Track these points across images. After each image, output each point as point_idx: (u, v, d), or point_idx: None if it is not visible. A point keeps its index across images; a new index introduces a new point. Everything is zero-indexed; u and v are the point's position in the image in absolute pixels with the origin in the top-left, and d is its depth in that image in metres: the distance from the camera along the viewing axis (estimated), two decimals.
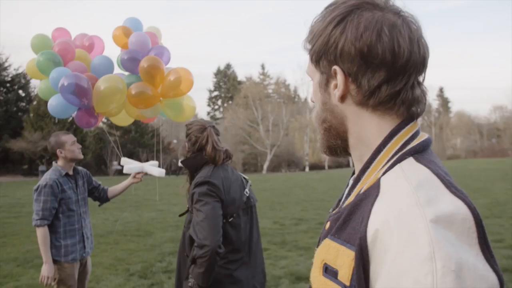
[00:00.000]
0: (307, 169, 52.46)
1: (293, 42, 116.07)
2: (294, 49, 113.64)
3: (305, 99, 60.58)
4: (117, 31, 4.06)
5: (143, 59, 3.70)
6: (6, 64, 40.56)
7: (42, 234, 3.71)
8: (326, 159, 55.78)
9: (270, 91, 63.78)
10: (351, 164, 54.38)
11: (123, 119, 4.30)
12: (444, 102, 75.19)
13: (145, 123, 5.05)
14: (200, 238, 2.51)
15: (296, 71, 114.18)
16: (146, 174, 4.17)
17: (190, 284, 2.60)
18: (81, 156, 3.97)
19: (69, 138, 3.91)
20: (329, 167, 54.26)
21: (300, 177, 32.18)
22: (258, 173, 47.85)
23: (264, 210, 12.93)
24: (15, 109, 40.51)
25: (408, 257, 0.72)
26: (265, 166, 51.83)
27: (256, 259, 2.91)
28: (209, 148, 2.84)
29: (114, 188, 4.35)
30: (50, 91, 3.79)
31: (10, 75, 40.65)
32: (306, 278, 6.08)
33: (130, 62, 3.78)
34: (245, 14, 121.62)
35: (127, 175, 4.24)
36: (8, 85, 40.52)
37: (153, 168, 4.12)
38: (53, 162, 3.98)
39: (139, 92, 3.71)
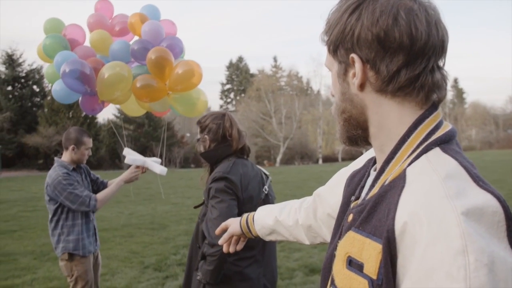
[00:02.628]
0: (320, 161, 52.31)
1: (305, 34, 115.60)
2: (306, 41, 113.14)
3: (318, 91, 60.40)
4: (133, 18, 3.95)
5: (151, 50, 3.58)
6: (20, 60, 40.93)
7: (102, 200, 3.76)
8: (339, 151, 55.58)
9: (282, 83, 63.56)
10: None
11: (135, 110, 4.24)
12: (459, 93, 74.39)
13: (158, 116, 4.96)
14: (212, 236, 2.45)
15: (308, 63, 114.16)
16: (146, 170, 4.05)
17: (198, 278, 2.58)
18: (84, 162, 3.96)
19: (88, 143, 3.87)
20: (343, 160, 54.01)
21: (314, 170, 32.11)
22: (271, 166, 47.77)
23: (278, 202, 12.88)
24: (29, 104, 40.90)
25: (440, 250, 0.71)
26: (278, 159, 51.80)
27: (269, 258, 2.83)
28: (234, 131, 2.77)
29: (113, 181, 4.25)
30: (57, 76, 3.73)
31: (25, 71, 41.01)
32: (320, 270, 6.05)
33: (140, 53, 3.69)
34: (257, 7, 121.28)
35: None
36: (22, 80, 40.90)
37: (155, 164, 4.00)
38: (56, 158, 3.90)
39: (144, 85, 3.62)
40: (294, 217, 1.54)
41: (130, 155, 4.03)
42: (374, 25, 0.88)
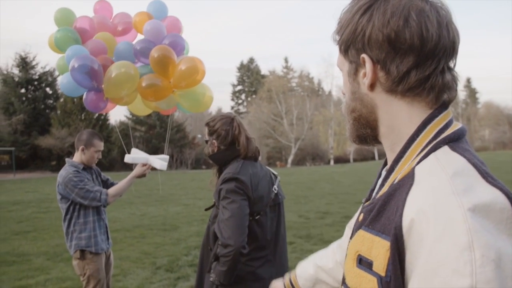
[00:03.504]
0: (331, 162, 52.21)
1: (316, 35, 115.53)
2: (317, 42, 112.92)
3: (329, 92, 60.31)
4: (138, 17, 3.95)
5: (153, 49, 3.60)
6: (34, 63, 41.32)
7: (113, 195, 3.81)
8: (351, 152, 55.43)
9: (293, 84, 63.51)
10: (376, 157, 53.90)
11: (141, 109, 4.26)
12: (472, 93, 73.80)
13: (165, 114, 4.96)
14: (225, 237, 2.46)
15: (319, 64, 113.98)
16: (150, 168, 4.05)
17: (211, 279, 2.58)
18: (93, 165, 4.00)
19: (98, 146, 3.93)
20: (354, 160, 53.87)
21: (325, 171, 32.04)
22: (283, 166, 47.78)
23: (289, 203, 12.91)
24: (42, 106, 41.28)
25: (446, 247, 0.71)
26: (289, 160, 51.77)
27: (281, 257, 2.83)
28: (242, 138, 2.76)
29: (120, 182, 4.29)
30: (67, 67, 3.76)
31: (38, 73, 41.39)
32: None
33: (143, 52, 3.69)
34: (267, 8, 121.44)
35: (153, 169, 4.14)
36: (35, 83, 41.27)
37: (156, 160, 3.99)
38: (67, 159, 3.97)
39: (150, 84, 3.64)
40: (333, 258, 1.54)
41: (133, 154, 4.04)
42: (385, 26, 0.88)
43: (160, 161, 3.97)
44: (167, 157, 4.12)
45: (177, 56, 3.74)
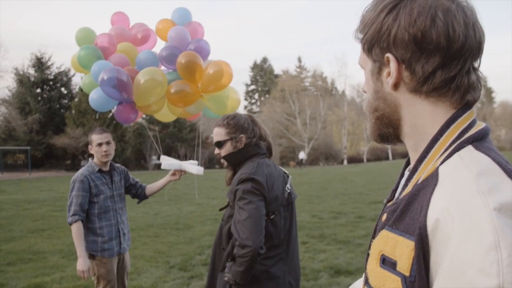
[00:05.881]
0: (345, 162, 52.02)
1: (329, 34, 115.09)
2: (330, 41, 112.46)
3: (343, 92, 60.10)
4: (161, 24, 3.98)
5: (180, 55, 3.62)
6: (49, 63, 41.79)
7: (75, 229, 3.72)
8: (364, 152, 55.13)
9: (307, 84, 63.41)
10: (390, 158, 53.54)
11: (166, 115, 4.27)
12: (488, 92, 73.00)
13: (190, 120, 5.01)
14: (242, 237, 2.46)
15: (333, 63, 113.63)
16: (185, 172, 4.12)
17: (226, 278, 2.58)
18: (105, 159, 3.87)
19: (97, 139, 3.82)
20: (368, 160, 53.58)
21: (338, 170, 31.93)
22: (296, 166, 47.67)
23: (302, 203, 12.89)
24: (57, 106, 41.73)
25: (472, 246, 0.70)
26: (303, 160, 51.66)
27: (293, 255, 2.83)
28: (267, 136, 2.85)
29: (152, 185, 4.30)
30: (94, 85, 3.78)
31: (53, 74, 41.85)
32: (345, 272, 6.02)
33: (169, 59, 3.71)
34: (280, 8, 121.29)
35: (166, 170, 4.16)
36: (51, 83, 41.76)
37: (191, 166, 4.06)
38: (89, 158, 3.99)
39: (179, 90, 3.65)
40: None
41: (166, 161, 4.09)
42: (412, 25, 0.87)
43: (196, 167, 4.04)
44: (196, 162, 4.17)
45: (203, 60, 3.77)
